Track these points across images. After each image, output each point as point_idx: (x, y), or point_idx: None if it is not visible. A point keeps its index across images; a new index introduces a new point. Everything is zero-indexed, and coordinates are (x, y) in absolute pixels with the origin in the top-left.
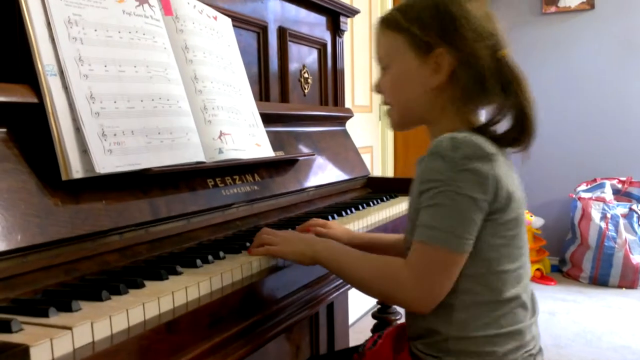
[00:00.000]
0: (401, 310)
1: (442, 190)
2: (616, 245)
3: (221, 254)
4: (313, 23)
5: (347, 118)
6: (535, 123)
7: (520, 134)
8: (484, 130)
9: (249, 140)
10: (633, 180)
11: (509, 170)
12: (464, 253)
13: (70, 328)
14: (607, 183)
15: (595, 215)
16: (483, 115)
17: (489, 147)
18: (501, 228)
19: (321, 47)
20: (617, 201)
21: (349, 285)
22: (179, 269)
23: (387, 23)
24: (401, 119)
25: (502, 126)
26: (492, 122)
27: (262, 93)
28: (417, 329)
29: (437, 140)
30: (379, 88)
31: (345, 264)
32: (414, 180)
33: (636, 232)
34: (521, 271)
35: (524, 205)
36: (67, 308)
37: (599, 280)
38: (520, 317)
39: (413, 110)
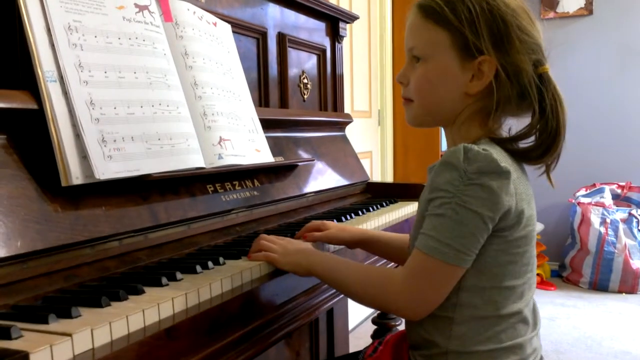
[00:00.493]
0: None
1: (449, 202)
2: (616, 250)
3: (221, 259)
4: (312, 29)
5: (347, 123)
6: (562, 145)
7: (546, 152)
8: (505, 143)
9: (249, 146)
10: (632, 185)
11: (524, 186)
12: (461, 267)
13: (70, 334)
14: (607, 188)
15: (595, 220)
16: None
17: (505, 162)
18: (510, 245)
19: (320, 53)
20: (617, 206)
21: None
22: (179, 275)
23: (431, 13)
24: (422, 117)
25: (525, 141)
26: (518, 137)
27: (261, 98)
28: (417, 338)
29: (451, 150)
30: (404, 79)
31: (338, 274)
32: (425, 187)
33: (636, 237)
34: (525, 287)
35: (535, 223)
36: (66, 314)
37: (599, 286)
38: (521, 332)
39: (438, 110)
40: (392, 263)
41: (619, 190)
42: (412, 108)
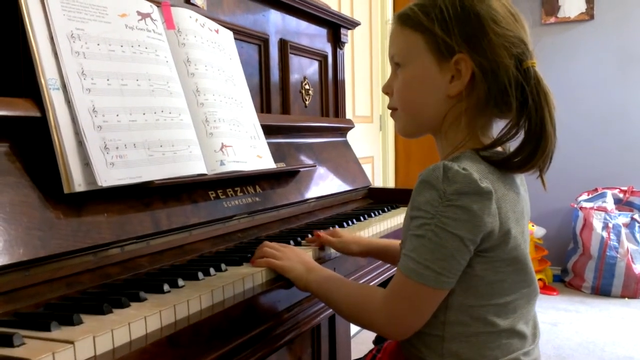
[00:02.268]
0: None
1: (429, 223)
2: (618, 255)
3: (223, 266)
4: (314, 35)
5: (348, 129)
6: (554, 144)
7: (532, 156)
8: (490, 151)
9: (251, 152)
10: (634, 189)
11: (511, 204)
12: (442, 290)
13: (72, 342)
14: (609, 192)
15: (597, 224)
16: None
17: (486, 181)
18: (498, 264)
19: (322, 59)
20: (619, 211)
21: None
22: (181, 281)
23: (405, 19)
24: (409, 125)
25: (513, 144)
26: (501, 140)
27: (263, 105)
28: (410, 356)
29: (430, 168)
30: (389, 89)
31: (331, 294)
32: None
33: (638, 242)
34: (520, 302)
35: (527, 240)
36: (69, 322)
37: (601, 290)
38: (516, 347)
39: (422, 117)
40: None
41: (621, 195)
42: (397, 117)
